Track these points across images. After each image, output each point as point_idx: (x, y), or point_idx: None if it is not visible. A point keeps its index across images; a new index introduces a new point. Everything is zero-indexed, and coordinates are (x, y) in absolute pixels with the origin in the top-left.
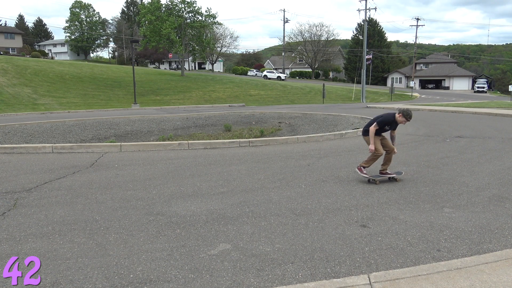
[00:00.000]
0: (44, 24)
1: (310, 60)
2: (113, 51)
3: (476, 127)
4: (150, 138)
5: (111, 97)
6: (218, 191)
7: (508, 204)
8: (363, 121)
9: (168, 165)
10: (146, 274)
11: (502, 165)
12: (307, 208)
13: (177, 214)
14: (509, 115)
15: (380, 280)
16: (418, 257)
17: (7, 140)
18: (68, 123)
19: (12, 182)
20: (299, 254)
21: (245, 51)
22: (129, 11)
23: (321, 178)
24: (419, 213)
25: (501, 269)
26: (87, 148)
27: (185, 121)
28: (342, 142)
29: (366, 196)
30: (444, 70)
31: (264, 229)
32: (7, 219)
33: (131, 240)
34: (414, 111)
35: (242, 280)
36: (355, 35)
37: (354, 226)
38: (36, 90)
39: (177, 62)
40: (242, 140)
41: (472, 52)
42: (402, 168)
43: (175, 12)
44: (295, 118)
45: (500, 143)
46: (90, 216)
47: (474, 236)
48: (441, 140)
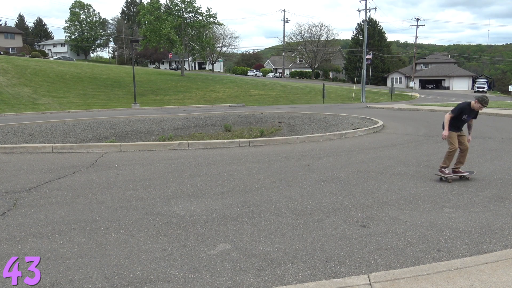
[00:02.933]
0: (44, 24)
1: (310, 60)
2: (113, 51)
3: (476, 127)
4: (150, 138)
5: (111, 97)
6: (218, 191)
7: (508, 204)
8: (363, 121)
9: (168, 165)
10: (146, 274)
11: (502, 165)
12: (307, 208)
13: (177, 214)
14: (509, 115)
15: (380, 280)
16: (418, 257)
17: (7, 140)
18: (68, 123)
19: (12, 182)
20: (299, 254)
21: (245, 51)
22: (129, 11)
23: (321, 178)
24: (419, 213)
25: (501, 269)
26: (87, 148)
27: (185, 121)
28: (342, 142)
29: (366, 196)
30: (444, 70)
31: (264, 229)
32: (7, 219)
33: (131, 240)
34: (414, 111)
35: (242, 280)
36: (355, 35)
37: (354, 226)
38: (36, 90)
39: (177, 62)
40: (242, 140)
41: (472, 52)
42: (402, 168)
43: (175, 12)
44: (295, 118)
45: (500, 143)
46: (90, 216)
47: (474, 236)
48: (441, 140)
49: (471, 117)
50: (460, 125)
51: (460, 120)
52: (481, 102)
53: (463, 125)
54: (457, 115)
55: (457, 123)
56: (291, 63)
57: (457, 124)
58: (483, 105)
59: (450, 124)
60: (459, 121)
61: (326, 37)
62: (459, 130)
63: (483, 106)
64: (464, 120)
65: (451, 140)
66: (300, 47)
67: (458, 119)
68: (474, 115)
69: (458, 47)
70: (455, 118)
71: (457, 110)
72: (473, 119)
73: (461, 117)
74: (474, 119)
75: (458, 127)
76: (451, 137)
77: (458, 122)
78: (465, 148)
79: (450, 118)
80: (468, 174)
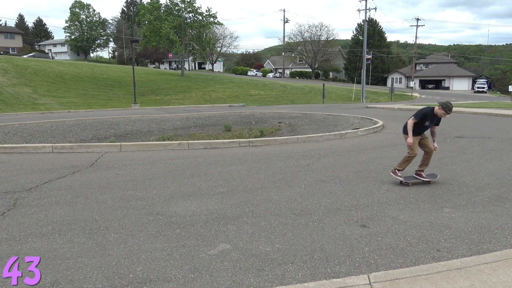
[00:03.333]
0: (44, 24)
1: (310, 60)
2: (113, 51)
3: (476, 127)
4: (150, 138)
5: (111, 97)
6: (218, 191)
7: (508, 204)
8: (363, 121)
9: (168, 165)
10: (146, 274)
11: (502, 165)
12: (307, 208)
13: (177, 214)
14: (509, 115)
15: (380, 280)
16: (418, 257)
17: (7, 140)
18: (68, 123)
19: (12, 182)
20: (299, 254)
21: (245, 51)
22: (129, 11)
23: (321, 178)
24: (419, 213)
25: (501, 269)
26: (87, 148)
27: (185, 121)
28: (342, 142)
29: (366, 196)
30: (444, 70)
31: (264, 229)
32: (7, 219)
33: (131, 240)
34: (414, 111)
35: (242, 280)
36: (355, 35)
37: (354, 226)
38: (36, 90)
39: (177, 62)
40: (242, 140)
41: (472, 52)
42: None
43: (175, 12)
44: (295, 118)
45: (500, 143)
46: (90, 216)
47: (474, 236)
48: (441, 140)
49: (434, 124)
50: (421, 131)
51: (423, 126)
52: (445, 108)
53: (425, 130)
54: (419, 120)
55: (419, 129)
56: (291, 63)
57: (419, 130)
58: (446, 112)
59: (412, 130)
60: (421, 127)
61: (326, 37)
62: (420, 134)
63: (446, 113)
64: (426, 126)
65: (412, 145)
66: (300, 47)
67: (421, 125)
68: (437, 121)
69: (458, 47)
70: (418, 124)
71: (420, 115)
72: (435, 125)
73: (424, 123)
74: (437, 126)
75: (419, 132)
76: (413, 147)
77: (421, 128)
78: (429, 151)
79: (413, 124)
80: (430, 178)
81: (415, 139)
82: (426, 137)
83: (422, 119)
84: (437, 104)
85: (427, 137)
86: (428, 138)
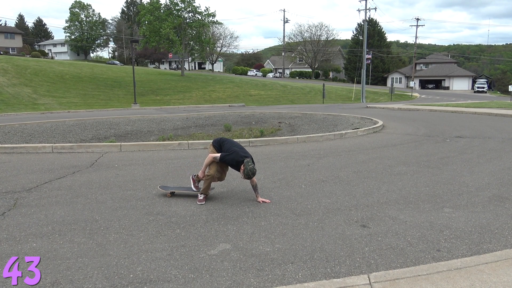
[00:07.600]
0: (44, 24)
1: (310, 60)
2: (113, 51)
3: (476, 127)
4: (150, 138)
5: (111, 97)
6: (217, 190)
7: (508, 204)
8: (363, 121)
9: (168, 165)
10: (146, 274)
11: (502, 165)
12: (307, 208)
13: (177, 214)
14: (509, 115)
15: (380, 280)
16: (418, 257)
17: (7, 140)
18: (68, 123)
19: (12, 182)
20: (299, 254)
21: (245, 51)
22: (129, 11)
23: (321, 178)
24: (419, 213)
25: (501, 269)
26: (87, 148)
27: (185, 121)
28: (342, 142)
29: (366, 196)
30: (444, 70)
31: (264, 229)
32: (7, 219)
33: (131, 240)
34: (414, 111)
35: (242, 280)
36: (355, 35)
37: (354, 226)
38: (36, 90)
39: (177, 62)
40: (242, 140)
41: (472, 52)
42: (402, 168)
43: (175, 12)
44: (295, 118)
45: (500, 143)
46: (90, 216)
47: (474, 236)
48: (441, 140)
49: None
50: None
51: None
52: (244, 172)
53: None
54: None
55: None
56: (291, 63)
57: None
58: (245, 176)
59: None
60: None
61: (326, 37)
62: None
63: (244, 177)
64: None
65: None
66: (300, 47)
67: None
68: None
69: (458, 47)
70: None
71: (224, 158)
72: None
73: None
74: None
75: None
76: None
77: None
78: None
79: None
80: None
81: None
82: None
83: (227, 163)
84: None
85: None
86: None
